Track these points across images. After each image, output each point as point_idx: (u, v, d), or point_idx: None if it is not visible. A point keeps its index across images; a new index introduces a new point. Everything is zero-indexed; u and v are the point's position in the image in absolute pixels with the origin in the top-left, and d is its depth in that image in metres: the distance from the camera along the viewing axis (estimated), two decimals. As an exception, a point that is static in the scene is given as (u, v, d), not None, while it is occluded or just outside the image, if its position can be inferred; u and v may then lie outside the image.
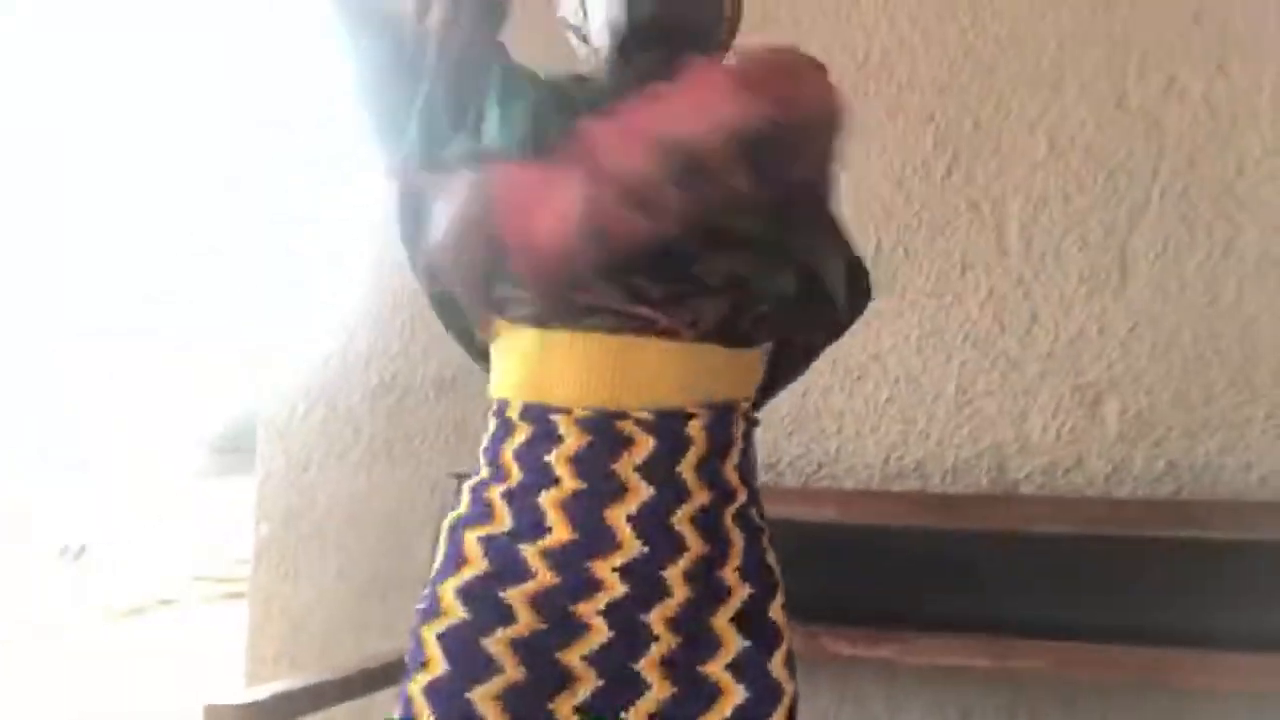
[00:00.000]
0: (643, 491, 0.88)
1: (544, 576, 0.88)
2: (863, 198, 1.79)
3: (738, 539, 0.93)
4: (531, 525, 0.89)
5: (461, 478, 1.93)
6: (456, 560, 0.91)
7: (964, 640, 1.55)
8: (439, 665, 0.87)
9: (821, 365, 1.78)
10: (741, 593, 0.91)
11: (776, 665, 0.90)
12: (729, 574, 0.91)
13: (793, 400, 1.79)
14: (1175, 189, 1.68)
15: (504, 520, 0.90)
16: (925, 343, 1.74)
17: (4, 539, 6.09)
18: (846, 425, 1.79)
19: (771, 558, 0.96)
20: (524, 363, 0.92)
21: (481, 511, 0.92)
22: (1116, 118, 1.71)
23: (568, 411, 0.89)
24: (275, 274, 2.27)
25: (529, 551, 0.88)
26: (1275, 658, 1.42)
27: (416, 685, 0.88)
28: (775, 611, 0.93)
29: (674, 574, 0.89)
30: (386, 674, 1.64)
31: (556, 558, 0.88)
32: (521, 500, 0.90)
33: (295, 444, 2.20)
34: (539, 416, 0.90)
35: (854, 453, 1.77)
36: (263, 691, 1.44)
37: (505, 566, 0.88)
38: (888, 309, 1.76)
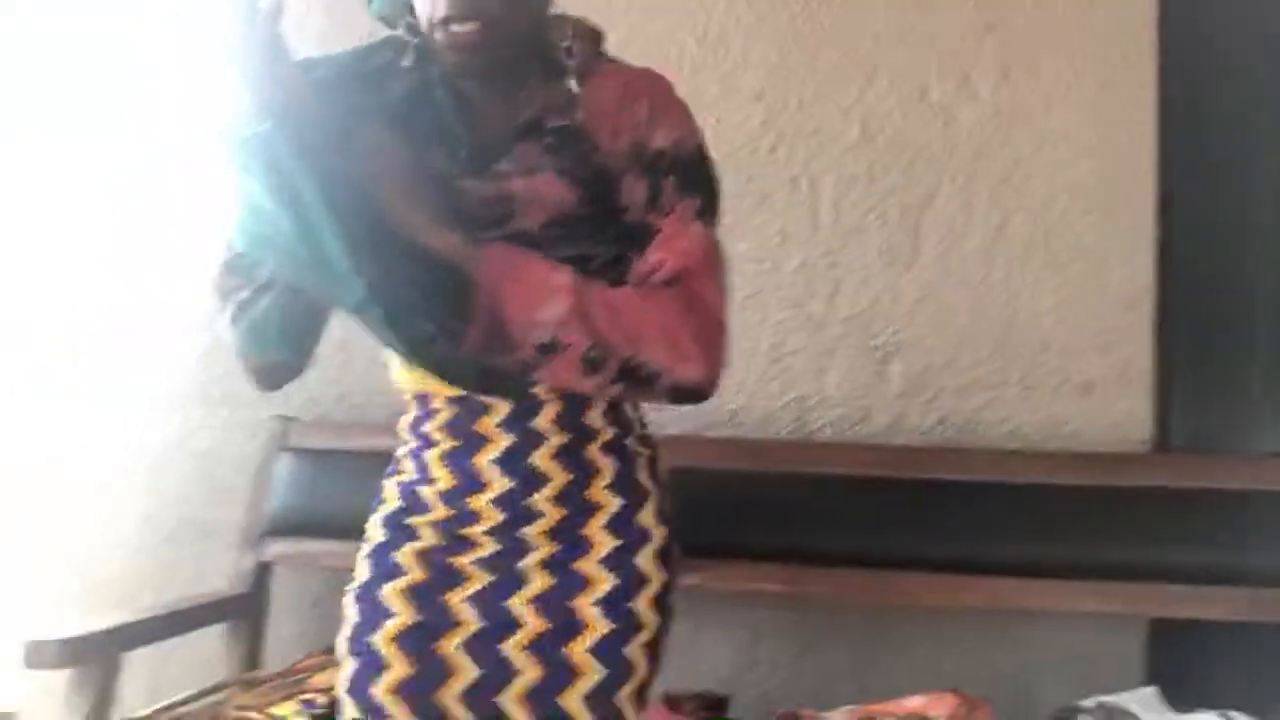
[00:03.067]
0: (503, 440, 1.04)
1: (439, 510, 1.06)
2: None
3: (607, 464, 1.07)
4: (424, 475, 1.07)
5: (288, 421, 1.94)
6: (380, 499, 1.11)
7: (762, 568, 1.73)
8: (364, 574, 1.07)
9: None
10: (612, 505, 1.06)
11: (645, 559, 1.06)
12: (597, 492, 1.06)
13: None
14: (962, 178, 1.89)
15: (410, 471, 1.08)
16: (746, 304, 1.88)
17: None
18: (670, 376, 1.92)
19: (644, 475, 1.10)
20: None
21: (396, 466, 1.12)
22: (919, 110, 1.90)
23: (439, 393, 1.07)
24: (87, 214, 2.12)
25: (426, 492, 1.06)
26: (1018, 581, 1.68)
27: (349, 594, 1.07)
28: (645, 517, 1.07)
29: (541, 500, 1.04)
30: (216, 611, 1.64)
31: (445, 497, 1.05)
32: (416, 457, 1.08)
33: (96, 384, 2.08)
34: (422, 398, 1.09)
35: (676, 401, 1.91)
36: (85, 627, 1.41)
37: (412, 502, 1.07)
38: (713, 270, 1.90)
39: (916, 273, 1.90)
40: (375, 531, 1.08)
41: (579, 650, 1.01)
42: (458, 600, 1.02)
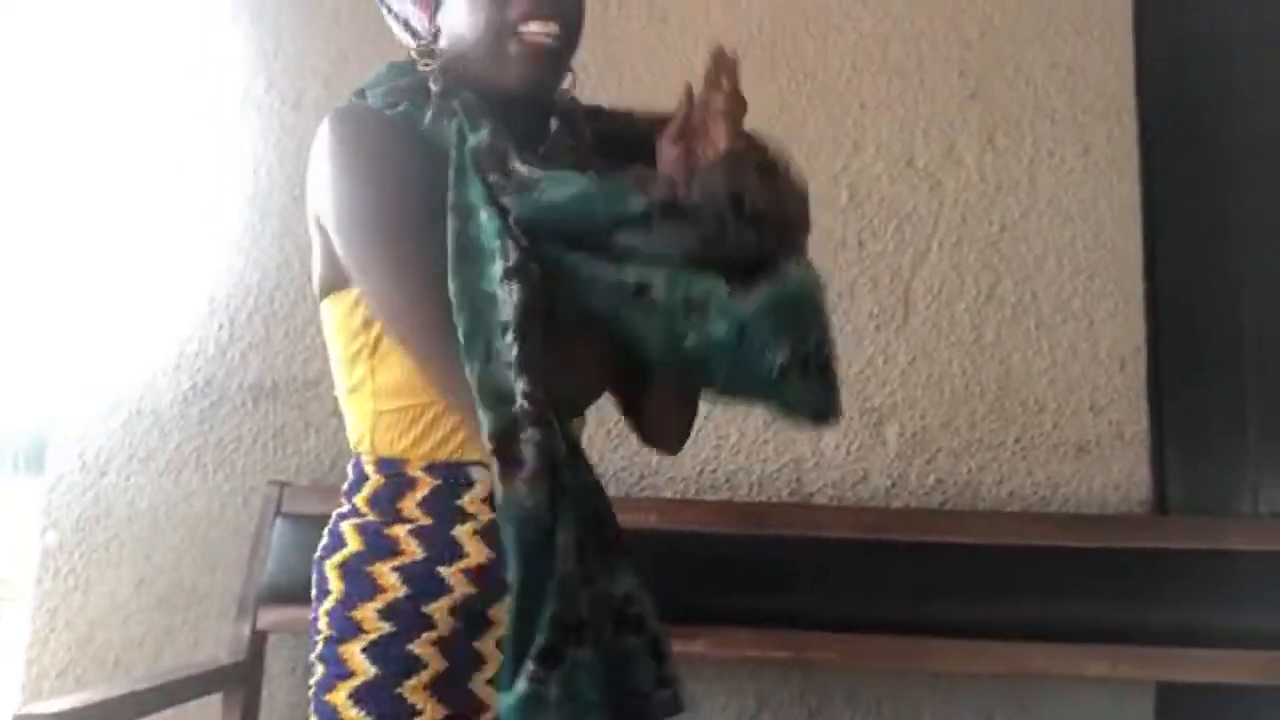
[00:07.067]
0: None
1: (462, 588, 0.96)
2: (686, 230, 1.95)
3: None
4: (449, 552, 0.96)
5: (284, 485, 1.93)
6: (361, 586, 0.96)
7: (766, 634, 1.71)
8: (368, 670, 0.94)
9: (645, 383, 1.93)
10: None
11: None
12: None
13: (617, 417, 1.90)
14: (950, 241, 1.93)
15: (414, 551, 0.96)
16: (739, 366, 1.91)
17: None
18: (666, 439, 1.92)
19: None
20: (435, 428, 0.98)
21: (387, 546, 0.97)
22: (906, 175, 1.95)
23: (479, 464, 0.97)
24: (84, 272, 2.16)
25: (446, 572, 0.96)
26: (1027, 645, 1.66)
27: (338, 693, 0.94)
28: None
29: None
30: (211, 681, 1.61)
31: (475, 574, 0.96)
32: (432, 534, 0.96)
33: (92, 448, 2.09)
34: (457, 468, 0.98)
35: (673, 465, 1.91)
36: (78, 699, 1.39)
37: (426, 586, 0.95)
38: (705, 333, 1.92)
39: (908, 335, 1.92)
40: (375, 623, 0.95)
41: None
42: (482, 684, 0.96)
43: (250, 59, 2.16)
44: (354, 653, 0.95)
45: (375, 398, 0.97)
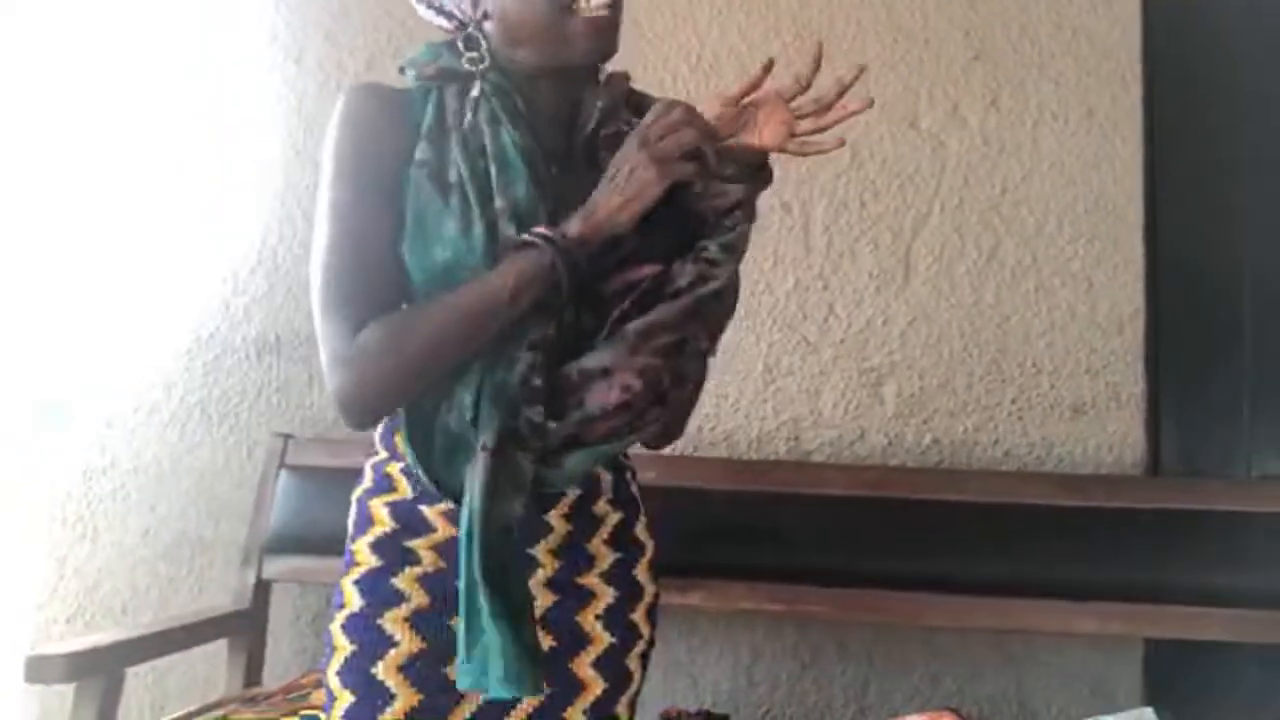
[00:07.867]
0: None
1: (444, 529, 1.01)
2: (688, 189, 1.95)
3: (605, 476, 1.08)
4: (430, 493, 1.00)
5: (287, 438, 1.96)
6: (364, 519, 1.03)
7: (761, 588, 1.74)
8: (356, 601, 0.99)
9: (646, 341, 1.94)
10: (613, 518, 1.07)
11: (641, 571, 1.08)
12: (601, 505, 1.06)
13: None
14: (952, 203, 1.94)
15: (405, 490, 1.02)
16: (740, 325, 1.90)
17: None
18: (667, 396, 1.94)
19: (635, 487, 1.12)
20: None
21: (383, 483, 1.04)
22: (909, 136, 1.94)
23: None
24: (88, 228, 2.16)
25: (429, 512, 1.01)
26: (1019, 601, 1.69)
27: (335, 623, 1.00)
28: (640, 530, 1.09)
29: (554, 515, 1.03)
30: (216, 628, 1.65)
31: (452, 516, 0.99)
32: (415, 474, 1.00)
33: (98, 401, 2.11)
34: None
35: (672, 421, 1.93)
36: (88, 641, 1.42)
37: (411, 522, 1.01)
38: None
39: (909, 296, 1.93)
40: (366, 556, 1.01)
41: (584, 665, 1.02)
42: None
43: (252, 14, 2.15)
44: (348, 584, 1.00)
45: None
